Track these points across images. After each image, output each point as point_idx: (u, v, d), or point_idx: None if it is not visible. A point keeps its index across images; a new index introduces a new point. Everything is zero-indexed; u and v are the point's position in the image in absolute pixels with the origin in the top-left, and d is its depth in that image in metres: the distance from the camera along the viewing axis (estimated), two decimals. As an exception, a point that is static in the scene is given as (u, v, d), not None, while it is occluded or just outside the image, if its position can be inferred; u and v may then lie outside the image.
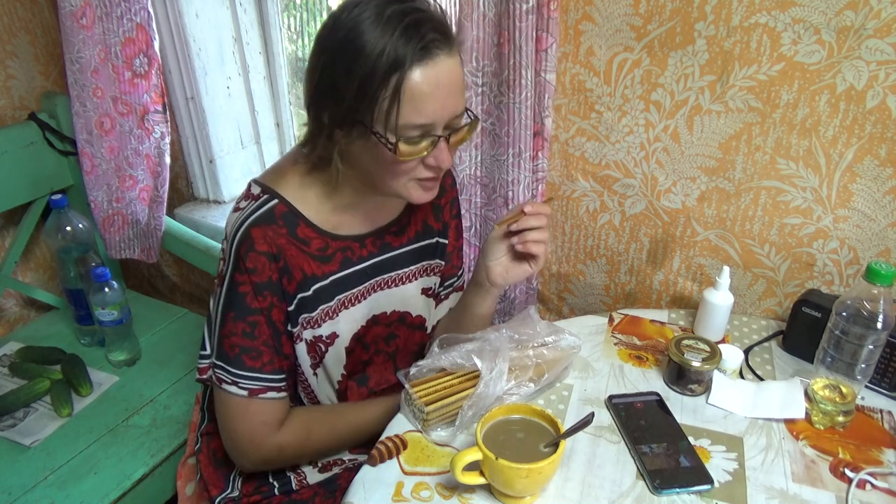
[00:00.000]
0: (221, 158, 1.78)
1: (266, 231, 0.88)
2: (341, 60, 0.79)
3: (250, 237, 0.87)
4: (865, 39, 0.96)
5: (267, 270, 0.88)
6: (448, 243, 1.11)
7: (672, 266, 1.28)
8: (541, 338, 0.98)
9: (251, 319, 0.90)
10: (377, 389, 1.09)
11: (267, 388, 0.93)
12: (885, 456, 0.89)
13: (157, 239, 1.67)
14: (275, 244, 0.88)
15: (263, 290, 0.89)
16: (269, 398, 0.93)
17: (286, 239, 0.89)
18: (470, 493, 0.83)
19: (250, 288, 0.89)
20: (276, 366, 0.93)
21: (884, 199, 1.05)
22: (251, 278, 0.88)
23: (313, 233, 0.92)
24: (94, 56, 1.48)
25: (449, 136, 0.84)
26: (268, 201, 0.90)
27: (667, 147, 1.17)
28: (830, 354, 0.93)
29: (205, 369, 0.96)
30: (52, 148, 1.62)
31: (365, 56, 0.76)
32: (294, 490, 1.03)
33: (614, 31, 1.12)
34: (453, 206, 1.11)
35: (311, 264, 0.93)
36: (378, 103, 0.78)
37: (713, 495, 0.82)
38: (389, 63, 0.76)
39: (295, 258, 0.91)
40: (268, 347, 0.92)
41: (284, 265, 0.90)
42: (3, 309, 1.75)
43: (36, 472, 1.25)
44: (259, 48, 1.74)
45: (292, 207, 0.91)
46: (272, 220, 0.89)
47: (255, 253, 0.87)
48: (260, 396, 0.92)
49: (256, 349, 0.91)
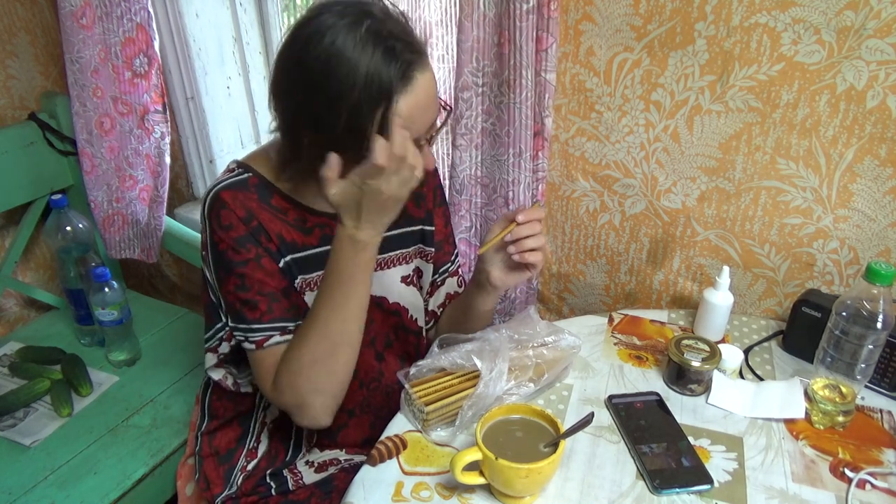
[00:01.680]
0: (221, 158, 1.78)
1: (236, 195, 0.89)
2: (321, 91, 0.79)
3: (220, 199, 0.89)
4: (865, 39, 0.96)
5: (241, 228, 0.89)
6: (436, 230, 1.11)
7: (672, 266, 1.28)
8: (541, 338, 0.98)
9: (239, 272, 0.90)
10: (366, 380, 1.07)
11: (269, 336, 0.92)
12: (884, 456, 0.89)
13: (157, 239, 1.67)
14: (245, 207, 0.89)
15: (245, 243, 0.90)
16: (273, 344, 0.92)
17: (257, 204, 0.91)
18: (470, 493, 0.83)
19: (230, 244, 0.90)
20: (275, 315, 0.92)
21: (884, 199, 1.05)
22: (229, 234, 0.89)
23: (288, 204, 0.94)
24: (94, 56, 1.48)
25: (430, 138, 0.87)
26: (242, 174, 0.92)
27: (667, 147, 1.18)
28: (830, 354, 0.93)
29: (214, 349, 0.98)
30: (52, 148, 1.62)
31: (348, 90, 0.77)
32: (291, 490, 1.03)
33: (614, 31, 1.12)
34: (437, 194, 1.11)
35: (291, 231, 0.94)
36: (367, 136, 0.79)
37: (713, 495, 0.82)
38: (374, 97, 0.78)
39: (271, 223, 0.91)
40: (263, 297, 0.91)
41: (258, 226, 0.90)
42: (3, 309, 1.75)
43: (36, 472, 1.24)
44: (259, 48, 1.74)
45: (267, 181, 0.93)
46: (244, 188, 0.91)
47: (227, 210, 0.89)
48: (265, 346, 0.92)
49: (252, 300, 0.91)
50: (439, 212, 1.12)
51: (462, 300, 1.10)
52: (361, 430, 1.09)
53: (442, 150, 1.45)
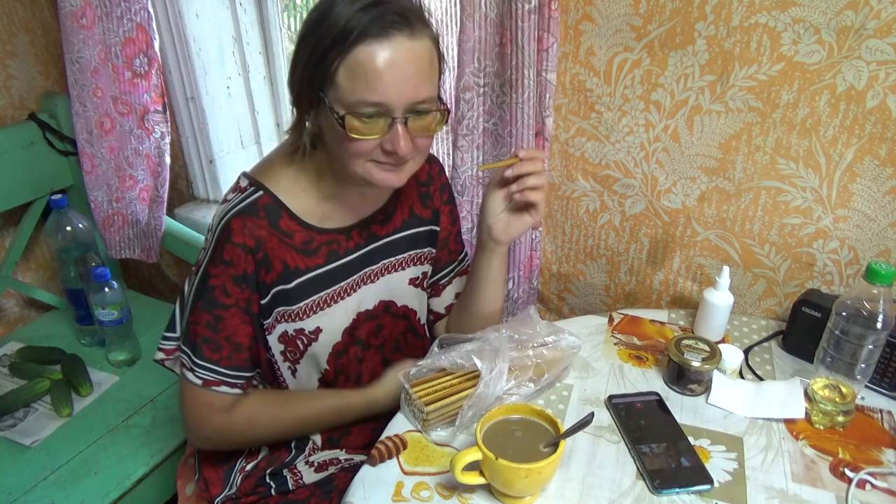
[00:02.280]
0: (221, 158, 1.78)
1: (246, 222, 0.89)
2: (308, 33, 0.82)
3: (229, 228, 0.88)
4: (865, 39, 0.96)
5: (243, 263, 0.89)
6: (442, 229, 1.10)
7: (672, 266, 1.28)
8: (541, 338, 0.98)
9: (216, 313, 0.91)
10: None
11: (221, 381, 0.93)
12: (884, 456, 0.89)
13: (157, 239, 1.67)
14: (253, 235, 0.89)
15: (241, 282, 0.90)
16: (220, 391, 0.94)
17: (267, 231, 0.90)
18: (470, 493, 0.83)
19: (222, 282, 0.90)
20: (233, 362, 0.93)
21: (884, 199, 1.05)
22: (228, 270, 0.89)
23: (297, 226, 0.93)
24: (94, 56, 1.48)
25: (406, 119, 0.82)
26: (252, 193, 0.91)
27: (667, 147, 1.18)
28: (830, 354, 0.93)
29: (171, 350, 0.98)
30: (52, 148, 1.62)
31: (326, 27, 0.79)
32: (290, 490, 1.03)
33: (614, 31, 1.12)
34: (443, 193, 1.11)
35: (295, 257, 0.93)
36: (329, 73, 0.79)
37: (713, 495, 0.82)
38: (341, 33, 0.78)
39: (276, 250, 0.91)
40: (229, 343, 0.92)
41: (264, 256, 0.90)
42: (3, 309, 1.75)
43: (36, 472, 1.24)
44: (259, 48, 1.74)
45: (277, 199, 0.92)
46: (254, 212, 0.90)
47: (231, 245, 0.88)
48: (213, 388, 0.93)
49: (217, 342, 0.92)
50: (445, 210, 1.11)
51: (471, 271, 1.07)
52: (364, 435, 1.08)
53: (443, 150, 1.45)
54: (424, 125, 0.85)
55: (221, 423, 0.96)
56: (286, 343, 0.98)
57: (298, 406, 1.01)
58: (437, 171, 1.10)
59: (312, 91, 0.83)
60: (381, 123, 0.81)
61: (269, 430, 1.00)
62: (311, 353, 1.00)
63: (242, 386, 0.96)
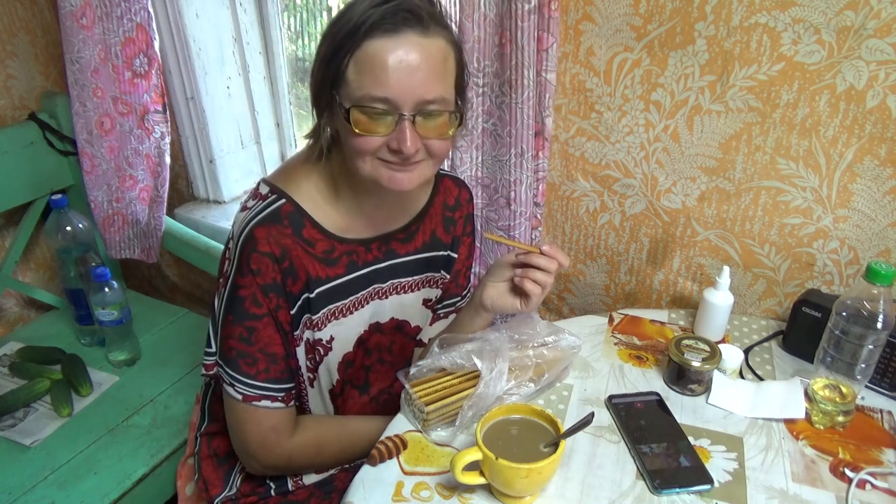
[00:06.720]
0: (221, 158, 1.78)
1: (270, 231, 0.87)
2: (327, 31, 0.82)
3: (254, 238, 0.86)
4: (865, 39, 0.96)
5: (271, 272, 0.87)
6: (458, 259, 1.09)
7: (672, 266, 1.28)
8: (541, 338, 0.98)
9: (248, 324, 0.89)
10: (379, 398, 1.09)
11: (261, 395, 0.91)
12: (885, 456, 0.89)
13: (157, 239, 1.67)
14: (279, 244, 0.87)
15: (269, 291, 0.88)
16: (262, 406, 0.92)
17: (291, 239, 0.88)
18: (470, 493, 0.83)
19: (251, 292, 0.88)
20: (271, 375, 0.92)
21: (884, 199, 1.05)
22: (256, 280, 0.87)
23: (319, 234, 0.91)
24: (94, 56, 1.48)
25: (414, 118, 0.80)
26: (275, 201, 0.89)
27: (667, 147, 1.18)
28: (830, 354, 0.93)
29: (211, 366, 0.95)
30: (52, 148, 1.62)
31: (342, 24, 0.79)
32: (290, 491, 1.03)
33: (614, 31, 1.12)
34: (467, 224, 1.09)
35: (316, 266, 0.92)
36: (341, 69, 0.79)
37: (713, 495, 0.82)
38: (353, 27, 0.78)
39: (300, 258, 0.90)
40: (264, 356, 0.91)
41: (290, 266, 0.89)
42: (3, 309, 1.75)
43: (36, 472, 1.25)
44: (259, 48, 1.74)
45: (299, 207, 0.90)
46: (277, 220, 0.88)
47: (258, 254, 0.86)
48: (253, 403, 0.91)
49: (252, 355, 0.90)
50: (466, 241, 1.10)
51: (454, 321, 1.09)
52: None
53: (442, 150, 1.45)
54: (435, 127, 0.82)
55: (291, 450, 0.96)
56: (307, 352, 0.97)
57: (361, 428, 1.02)
58: (466, 199, 1.09)
59: (326, 90, 0.82)
60: (388, 121, 0.80)
61: (335, 454, 1.02)
62: (326, 363, 1.00)
63: (284, 399, 0.94)
